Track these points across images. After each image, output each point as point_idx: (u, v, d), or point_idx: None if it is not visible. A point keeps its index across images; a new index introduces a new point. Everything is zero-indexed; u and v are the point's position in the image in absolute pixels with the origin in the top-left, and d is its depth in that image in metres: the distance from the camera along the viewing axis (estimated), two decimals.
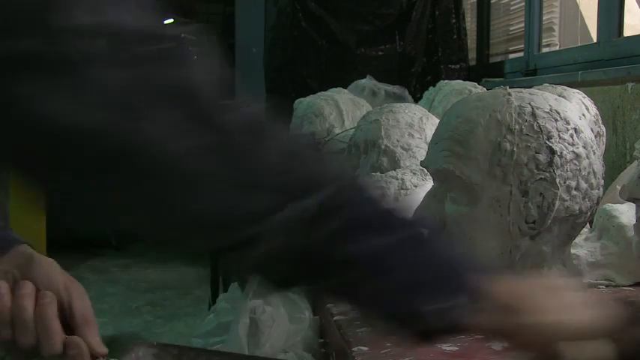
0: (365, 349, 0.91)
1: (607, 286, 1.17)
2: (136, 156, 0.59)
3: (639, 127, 1.73)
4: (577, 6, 3.13)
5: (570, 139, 0.94)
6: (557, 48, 3.01)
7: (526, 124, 0.94)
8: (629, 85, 1.78)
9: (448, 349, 0.89)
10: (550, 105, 0.96)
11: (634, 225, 1.06)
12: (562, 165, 0.93)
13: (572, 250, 1.08)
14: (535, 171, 0.93)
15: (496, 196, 0.93)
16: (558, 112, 0.95)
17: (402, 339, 0.65)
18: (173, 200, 0.61)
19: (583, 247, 1.18)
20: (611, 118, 1.82)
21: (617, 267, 1.17)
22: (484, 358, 0.87)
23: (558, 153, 0.93)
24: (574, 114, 0.97)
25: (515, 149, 0.93)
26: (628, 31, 2.19)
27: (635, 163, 1.23)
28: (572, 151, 0.94)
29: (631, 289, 1.16)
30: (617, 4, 2.18)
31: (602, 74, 1.97)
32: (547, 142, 0.93)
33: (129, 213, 0.63)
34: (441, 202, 0.98)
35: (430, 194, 1.00)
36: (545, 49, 2.99)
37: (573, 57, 2.43)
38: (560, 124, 0.94)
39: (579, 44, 2.79)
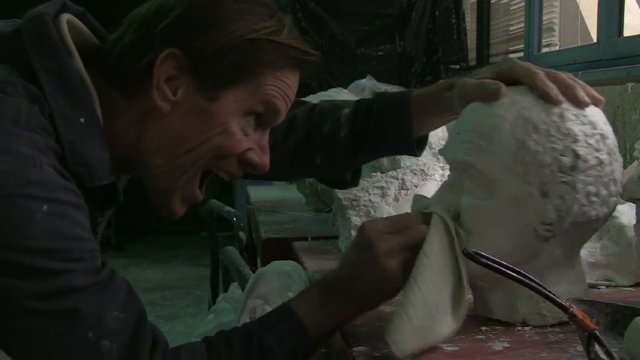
0: (365, 349, 0.91)
1: (607, 286, 1.17)
2: None
3: (639, 127, 1.73)
4: (577, 6, 3.13)
5: (596, 145, 0.92)
6: (557, 48, 3.01)
7: (554, 124, 0.91)
8: (629, 85, 1.78)
9: (448, 349, 0.89)
10: (578, 107, 0.94)
11: (634, 225, 1.05)
12: (585, 170, 0.91)
13: None
14: (558, 173, 0.90)
15: (515, 194, 0.91)
16: (586, 116, 0.93)
17: None
18: None
19: (583, 247, 1.18)
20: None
21: (617, 267, 1.17)
22: (484, 358, 0.87)
23: (583, 157, 0.91)
24: (600, 118, 0.95)
25: (540, 149, 0.90)
26: (628, 31, 2.19)
27: (635, 163, 1.23)
28: (597, 157, 0.92)
29: (631, 289, 1.16)
30: (617, 4, 2.18)
31: (602, 74, 1.97)
32: (573, 145, 0.91)
33: None
34: (458, 193, 0.96)
35: (447, 184, 0.99)
36: (545, 49, 2.99)
37: (573, 57, 2.43)
38: (587, 129, 0.92)
39: (579, 44, 2.79)
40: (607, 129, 0.94)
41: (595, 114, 0.94)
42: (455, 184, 0.97)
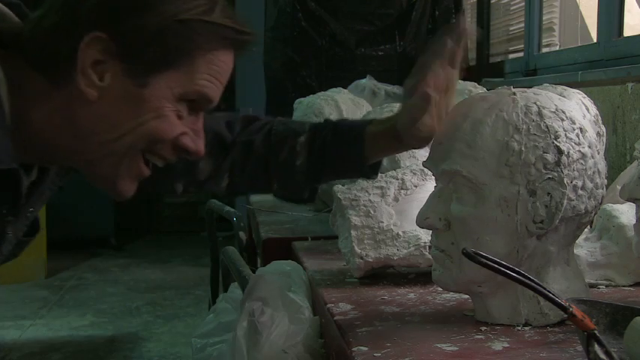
0: (365, 349, 0.91)
1: (607, 286, 1.17)
2: None
3: (639, 127, 1.73)
4: (577, 6, 3.13)
5: (576, 139, 0.94)
6: (557, 48, 3.01)
7: (533, 123, 0.93)
8: (629, 85, 1.78)
9: (448, 349, 0.89)
10: (555, 104, 0.95)
11: (634, 225, 1.05)
12: (569, 164, 0.93)
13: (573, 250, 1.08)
14: (543, 170, 0.92)
15: (504, 195, 0.93)
16: (564, 112, 0.94)
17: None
18: None
19: (583, 247, 1.18)
20: (611, 118, 1.82)
21: (617, 267, 1.17)
22: (484, 358, 0.87)
23: (565, 152, 0.92)
24: (578, 113, 0.96)
25: (523, 149, 0.92)
26: (628, 31, 2.19)
27: (635, 163, 1.23)
28: (579, 151, 0.93)
29: (631, 289, 1.16)
30: (617, 4, 2.18)
31: (602, 74, 1.97)
32: (554, 141, 0.92)
33: None
34: (447, 202, 0.97)
35: (434, 195, 0.99)
36: (545, 49, 2.99)
37: (573, 57, 2.43)
38: (567, 124, 0.94)
39: (579, 44, 2.78)
40: (585, 123, 0.96)
41: (572, 109, 0.96)
42: (443, 194, 0.98)
